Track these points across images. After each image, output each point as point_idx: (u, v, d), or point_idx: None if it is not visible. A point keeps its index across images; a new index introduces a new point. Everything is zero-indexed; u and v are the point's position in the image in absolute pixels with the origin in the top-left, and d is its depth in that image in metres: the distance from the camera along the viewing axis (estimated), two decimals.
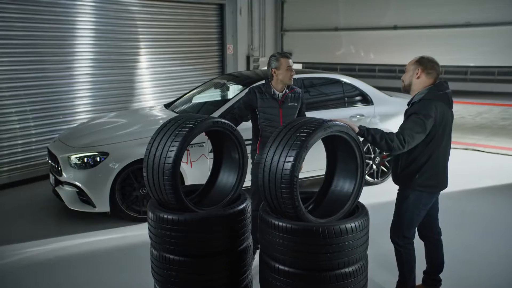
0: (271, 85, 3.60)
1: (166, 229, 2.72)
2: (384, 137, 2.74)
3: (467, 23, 7.99)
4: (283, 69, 3.52)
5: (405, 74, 3.01)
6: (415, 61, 2.94)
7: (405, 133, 2.76)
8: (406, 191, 3.00)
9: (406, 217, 2.99)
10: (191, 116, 2.89)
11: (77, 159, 4.54)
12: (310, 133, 2.53)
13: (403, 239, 3.02)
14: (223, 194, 3.03)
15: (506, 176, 6.27)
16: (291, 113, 3.64)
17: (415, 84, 2.94)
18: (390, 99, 6.10)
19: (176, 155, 2.66)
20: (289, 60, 3.55)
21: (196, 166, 4.75)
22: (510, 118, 10.90)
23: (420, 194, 2.96)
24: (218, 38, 9.05)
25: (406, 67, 3.00)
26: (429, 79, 2.91)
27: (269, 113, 3.57)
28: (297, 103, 3.67)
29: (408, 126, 2.79)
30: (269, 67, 3.61)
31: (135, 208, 4.68)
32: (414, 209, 2.97)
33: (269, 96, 3.57)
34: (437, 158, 2.91)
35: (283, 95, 3.61)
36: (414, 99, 2.94)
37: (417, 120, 2.78)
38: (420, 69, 2.90)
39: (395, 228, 3.07)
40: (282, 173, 2.51)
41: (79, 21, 6.74)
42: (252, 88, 3.65)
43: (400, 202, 3.05)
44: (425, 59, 2.93)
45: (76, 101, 6.81)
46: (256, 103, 3.58)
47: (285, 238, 2.52)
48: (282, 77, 3.54)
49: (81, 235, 4.42)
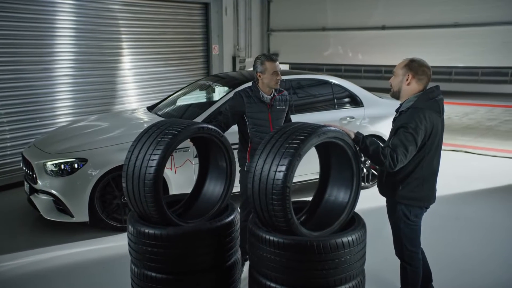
0: (259, 88, 3.41)
1: (147, 245, 2.55)
2: (378, 151, 2.55)
3: (455, 23, 7.94)
4: (269, 73, 3.34)
5: (393, 77, 2.79)
6: (405, 65, 2.73)
7: (398, 151, 2.55)
8: (392, 203, 2.82)
9: (402, 229, 2.81)
10: (174, 122, 2.70)
11: (53, 166, 4.32)
12: (303, 139, 2.35)
13: (409, 254, 2.83)
14: (209, 205, 2.84)
15: (497, 178, 6.22)
16: (280, 116, 3.51)
17: (405, 90, 2.74)
18: (380, 100, 5.98)
19: (158, 165, 2.47)
20: (275, 63, 3.36)
21: (180, 172, 4.57)
22: (496, 118, 10.94)
23: (406, 207, 2.77)
24: (203, 38, 8.93)
25: (394, 70, 2.79)
26: (419, 86, 2.72)
27: (257, 118, 3.40)
28: (285, 106, 3.54)
29: (399, 143, 2.57)
30: (254, 70, 3.43)
31: (116, 217, 4.47)
32: (407, 220, 2.78)
33: (257, 100, 3.39)
34: (423, 169, 2.71)
35: (272, 98, 3.43)
36: (402, 108, 2.73)
37: (407, 135, 2.57)
38: (410, 75, 2.70)
39: (398, 244, 2.87)
40: (274, 183, 2.33)
41: (58, 20, 6.50)
42: (238, 92, 3.44)
43: (390, 215, 2.86)
44: (416, 63, 2.72)
45: (55, 103, 6.57)
46: (244, 108, 3.38)
47: (276, 253, 2.37)
48: (267, 82, 3.37)
49: (57, 247, 4.19)
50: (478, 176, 6.30)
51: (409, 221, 2.78)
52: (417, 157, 2.67)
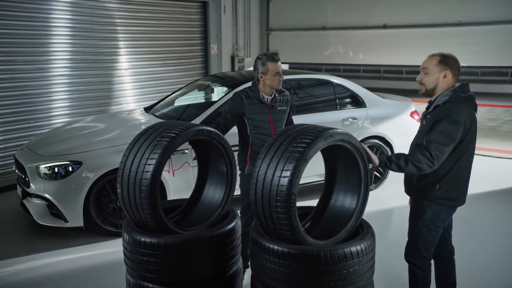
0: (259, 89, 3.29)
1: (143, 254, 2.41)
2: (409, 160, 2.43)
3: (458, 22, 7.82)
4: (271, 74, 3.23)
5: (425, 75, 2.64)
6: (439, 61, 2.60)
7: (431, 147, 2.44)
8: (422, 205, 2.69)
9: (423, 234, 2.68)
10: (172, 124, 2.56)
11: (46, 169, 4.18)
12: (309, 143, 2.22)
13: (421, 259, 2.71)
14: (209, 212, 2.70)
15: (502, 180, 6.13)
16: (281, 117, 3.39)
17: (440, 87, 2.62)
18: (383, 101, 5.87)
19: (155, 169, 2.34)
20: (277, 64, 3.25)
21: (179, 175, 4.44)
22: (498, 119, 10.85)
23: (438, 208, 2.65)
24: (201, 37, 8.84)
25: (426, 67, 2.63)
26: (454, 81, 2.63)
27: (258, 119, 3.29)
28: (287, 107, 3.42)
29: (434, 138, 2.47)
30: (255, 71, 3.30)
31: (112, 222, 4.34)
32: (431, 225, 2.67)
33: (257, 101, 3.29)
34: (461, 168, 2.61)
35: (272, 99, 3.31)
36: (437, 102, 2.60)
37: (444, 129, 2.47)
38: (448, 71, 2.58)
39: (411, 248, 2.75)
40: (278, 190, 2.20)
41: (53, 18, 6.38)
42: (238, 93, 3.33)
43: (415, 217, 2.73)
44: (450, 58, 2.60)
45: (49, 104, 6.45)
46: (244, 110, 3.27)
47: (281, 264, 2.24)
48: (269, 83, 3.26)
49: (51, 253, 4.05)
50: (482, 178, 6.19)
51: (433, 226, 2.67)
52: (455, 154, 2.56)
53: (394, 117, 5.74)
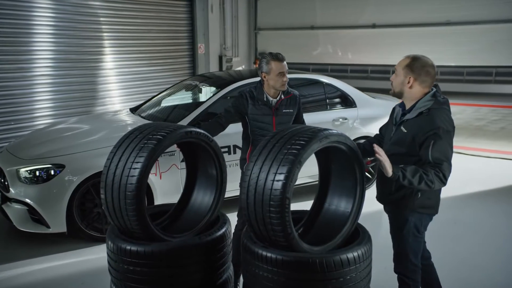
0: (264, 90, 3.21)
1: (129, 263, 2.29)
2: (423, 180, 2.32)
3: (447, 22, 7.83)
4: (274, 74, 3.13)
5: (394, 76, 2.54)
6: (406, 66, 2.47)
7: (444, 168, 2.33)
8: (403, 214, 2.56)
9: (410, 243, 2.57)
10: (159, 125, 2.44)
11: (27, 173, 4.03)
12: (303, 145, 2.12)
13: (412, 269, 2.61)
14: (198, 217, 2.59)
15: (493, 180, 6.12)
16: (286, 120, 3.28)
17: (408, 93, 2.50)
18: (373, 101, 5.82)
19: (140, 174, 2.21)
20: (282, 63, 3.15)
21: (166, 178, 4.32)
22: (484, 118, 10.93)
23: (420, 216, 2.55)
24: (188, 36, 8.75)
25: (396, 68, 2.55)
26: (424, 88, 2.48)
27: (261, 121, 3.21)
28: (294, 110, 3.31)
29: (442, 156, 2.34)
30: (259, 70, 3.23)
31: (97, 227, 4.19)
32: (416, 232, 2.57)
33: (261, 102, 3.20)
34: None
35: (278, 101, 3.22)
36: (419, 108, 2.46)
37: (445, 142, 2.35)
38: (411, 78, 2.45)
39: (400, 259, 2.64)
40: (271, 194, 2.09)
41: (34, 16, 6.23)
42: (244, 92, 3.28)
43: (398, 228, 2.60)
44: (418, 63, 2.46)
45: (31, 105, 6.30)
46: (247, 110, 3.21)
47: (274, 272, 2.13)
48: (273, 83, 3.17)
49: (32, 261, 3.88)
50: (472, 178, 6.19)
51: (418, 234, 2.57)
52: None
53: (385, 117, 5.58)
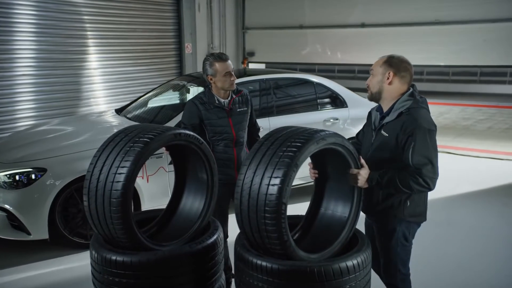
0: (213, 93, 3.06)
1: (114, 275, 2.15)
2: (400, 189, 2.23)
3: (436, 21, 7.83)
4: (220, 75, 2.99)
5: (371, 77, 2.40)
6: (384, 62, 2.36)
7: (424, 172, 2.19)
8: (391, 223, 2.43)
9: (399, 253, 2.46)
10: (146, 127, 2.31)
11: (6, 177, 3.85)
12: (300, 147, 2.01)
13: (402, 278, 2.50)
14: (188, 224, 2.46)
15: (483, 179, 6.12)
16: (243, 119, 3.16)
17: (387, 91, 2.36)
18: (364, 101, 5.71)
19: (126, 179, 2.08)
20: (227, 63, 3.00)
21: (153, 181, 4.18)
22: (471, 118, 11.01)
23: (408, 224, 2.43)
24: (175, 36, 8.63)
25: (372, 69, 2.41)
26: (403, 85, 2.35)
27: (217, 125, 3.05)
28: (247, 107, 3.20)
29: (423, 159, 2.21)
30: (204, 74, 3.07)
31: (81, 233, 4.03)
32: (405, 241, 2.45)
33: (213, 106, 3.05)
34: None
35: (230, 101, 3.09)
36: (398, 109, 2.33)
37: (428, 143, 2.22)
38: (391, 73, 2.33)
39: (389, 269, 2.52)
40: (266, 199, 1.98)
41: (15, 14, 6.06)
42: (191, 100, 3.10)
43: (386, 238, 2.47)
44: (396, 58, 2.35)
45: (12, 106, 6.13)
46: (201, 116, 3.04)
47: (269, 282, 2.02)
48: (221, 84, 3.02)
49: (12, 270, 3.71)
50: (464, 178, 6.18)
51: (406, 243, 2.44)
52: None
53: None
